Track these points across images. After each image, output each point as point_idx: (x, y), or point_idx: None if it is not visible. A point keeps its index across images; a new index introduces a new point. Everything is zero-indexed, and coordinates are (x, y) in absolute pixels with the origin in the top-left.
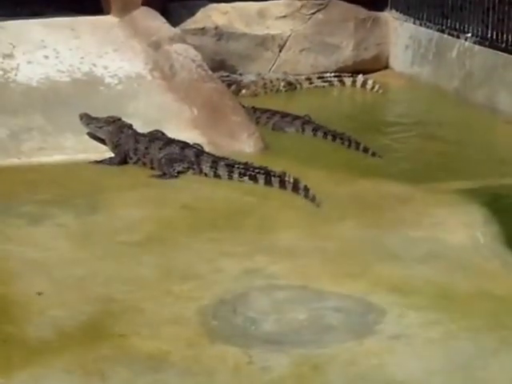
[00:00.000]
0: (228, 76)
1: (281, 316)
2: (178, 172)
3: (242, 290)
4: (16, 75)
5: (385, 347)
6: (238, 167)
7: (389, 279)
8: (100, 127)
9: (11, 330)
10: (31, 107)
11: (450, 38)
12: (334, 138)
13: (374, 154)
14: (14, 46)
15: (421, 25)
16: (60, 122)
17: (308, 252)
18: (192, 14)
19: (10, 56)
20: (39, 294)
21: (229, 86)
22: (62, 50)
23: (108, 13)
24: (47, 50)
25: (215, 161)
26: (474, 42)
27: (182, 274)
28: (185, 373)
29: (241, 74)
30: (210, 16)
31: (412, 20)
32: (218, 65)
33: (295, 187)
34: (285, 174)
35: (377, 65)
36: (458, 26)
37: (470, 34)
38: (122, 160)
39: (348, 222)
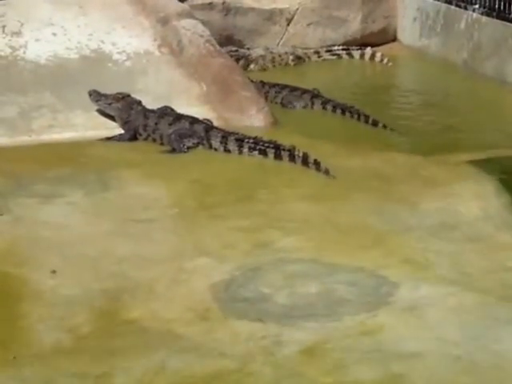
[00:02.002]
0: (236, 51)
1: (293, 290)
2: (188, 147)
3: (253, 264)
4: (24, 53)
5: (398, 319)
6: (248, 142)
7: (401, 251)
8: (109, 104)
9: (26, 309)
10: (40, 85)
11: (457, 9)
12: (344, 111)
13: (384, 127)
14: (21, 24)
15: None
16: (69, 100)
17: (319, 225)
18: None
19: (18, 34)
20: (53, 272)
21: (237, 60)
22: (70, 28)
23: None
24: (55, 27)
25: (225, 136)
26: (482, 14)
27: (194, 250)
28: (198, 348)
29: (249, 49)
30: None
31: None
32: (226, 40)
33: (305, 161)
34: (294, 148)
35: (385, 37)
36: None
37: (477, 6)
38: (132, 136)
39: (359, 194)
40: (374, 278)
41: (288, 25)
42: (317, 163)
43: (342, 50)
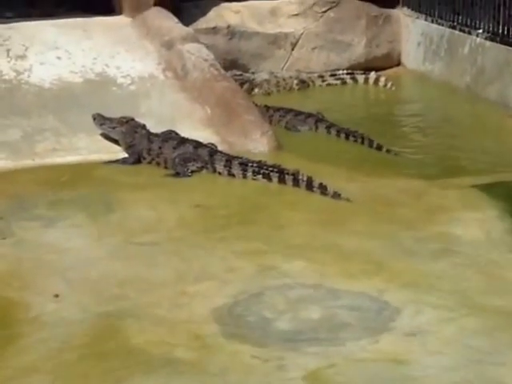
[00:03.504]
0: (241, 75)
1: (296, 314)
2: (192, 171)
3: (256, 288)
4: (29, 76)
5: (400, 344)
6: (252, 166)
7: (403, 276)
8: (113, 128)
9: (27, 332)
10: (44, 108)
11: (461, 34)
12: (348, 135)
13: (388, 151)
14: (26, 48)
15: (432, 21)
16: (73, 123)
17: (322, 249)
18: (204, 13)
19: (22, 57)
20: (56, 296)
21: (241, 84)
22: (75, 51)
23: (120, 13)
24: (60, 50)
25: (229, 160)
26: (486, 38)
27: (197, 274)
28: (200, 372)
29: (253, 73)
30: (222, 15)
31: (423, 17)
32: (231, 64)
33: (309, 185)
34: (298, 172)
35: (389, 62)
36: (469, 23)
37: (481, 30)
38: (136, 160)
39: (362, 218)
40: (377, 303)
41: (292, 49)
42: (323, 187)
43: (347, 74)
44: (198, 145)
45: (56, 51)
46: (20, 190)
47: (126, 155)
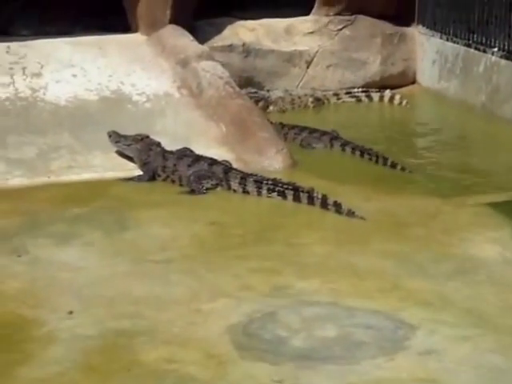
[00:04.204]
0: (256, 92)
1: (311, 333)
2: (207, 189)
3: (271, 307)
4: (44, 94)
5: (415, 363)
6: (267, 183)
7: (419, 295)
8: (128, 145)
9: (41, 349)
10: (60, 126)
11: (476, 52)
12: (362, 153)
13: (403, 169)
14: (42, 66)
15: (447, 40)
16: (88, 141)
17: (337, 268)
18: (219, 31)
19: (38, 75)
20: (70, 312)
21: (256, 102)
22: (90, 69)
23: (135, 31)
24: (75, 68)
25: (244, 177)
26: (501, 57)
27: (211, 292)
28: None
29: (268, 91)
30: (237, 33)
31: (439, 35)
32: (246, 81)
33: (323, 203)
34: (313, 190)
35: (404, 80)
36: (484, 41)
37: (496, 49)
38: (151, 177)
39: (377, 237)
40: (392, 322)
41: (307, 67)
42: (337, 205)
43: (362, 92)
44: (212, 162)
45: (71, 69)
46: (35, 207)
47: (141, 173)
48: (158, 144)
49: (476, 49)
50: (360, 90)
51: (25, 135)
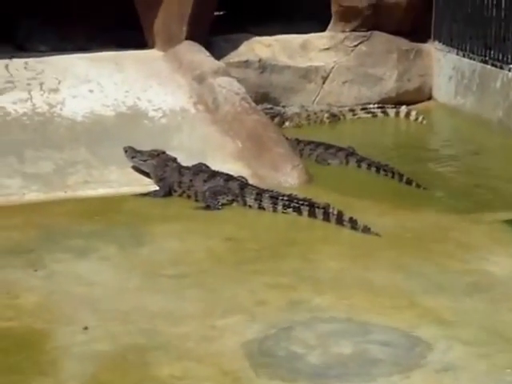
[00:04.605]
0: (271, 108)
1: (326, 349)
2: (222, 204)
3: (286, 322)
4: (61, 109)
5: (432, 381)
6: (282, 199)
7: (435, 312)
8: (144, 160)
9: (57, 364)
10: (76, 141)
11: (493, 68)
12: (378, 169)
13: (418, 186)
14: (59, 81)
15: (464, 56)
16: (105, 156)
17: (352, 283)
18: (235, 47)
19: (55, 90)
20: (85, 328)
21: (272, 118)
22: (107, 84)
23: (152, 47)
24: (92, 84)
25: (259, 193)
26: None
27: (227, 307)
28: None
29: (284, 106)
30: (253, 49)
31: (455, 51)
32: (262, 97)
33: (339, 219)
34: (329, 205)
35: (420, 96)
36: (501, 57)
37: None
38: (167, 193)
39: (392, 252)
40: (407, 339)
41: (323, 83)
42: (353, 221)
43: (377, 108)
44: (228, 178)
45: (88, 84)
46: (52, 221)
47: (157, 188)
48: (174, 159)
49: (493, 65)
50: (376, 105)
51: (42, 150)
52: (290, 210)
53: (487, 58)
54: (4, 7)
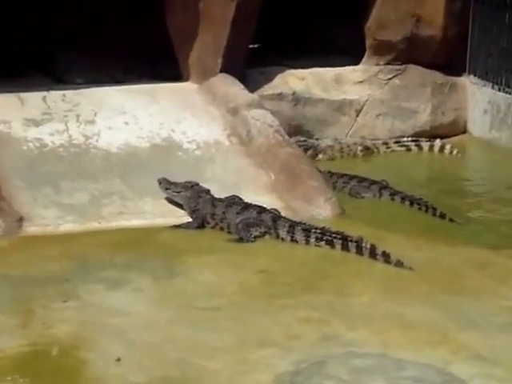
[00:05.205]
0: (305, 141)
1: None
2: (255, 237)
3: (319, 357)
4: (97, 141)
5: None
6: (315, 232)
7: (469, 348)
8: (178, 192)
9: None
10: (111, 172)
11: None
12: (412, 203)
13: (452, 220)
14: (95, 113)
15: (499, 90)
16: (139, 187)
17: (386, 318)
18: (269, 79)
19: (91, 122)
20: (118, 359)
21: (305, 150)
22: (142, 116)
23: (187, 79)
24: (127, 115)
25: (292, 225)
26: None
27: (259, 341)
28: None
29: (317, 139)
30: (287, 81)
31: (490, 85)
32: (295, 130)
33: (372, 253)
34: (362, 239)
35: (454, 129)
36: None
37: None
38: (200, 225)
39: (426, 287)
40: (442, 375)
41: (357, 115)
42: (386, 255)
43: (411, 141)
44: (261, 210)
45: (124, 116)
46: (86, 252)
47: (191, 219)
48: (208, 191)
49: None
50: (410, 139)
51: (77, 181)
52: (323, 243)
53: None
54: (44, 41)
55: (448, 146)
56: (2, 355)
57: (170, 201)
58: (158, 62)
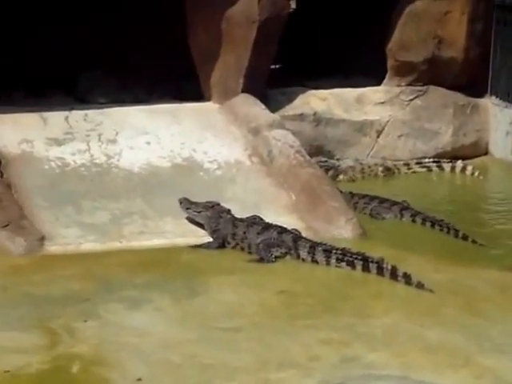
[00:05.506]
0: (326, 161)
1: None
2: (276, 257)
3: (339, 378)
4: (118, 160)
5: None
6: (336, 253)
7: (493, 372)
8: (199, 212)
9: None
10: (132, 192)
11: None
12: (433, 224)
13: (474, 242)
14: (117, 132)
15: None
16: (160, 207)
17: (407, 340)
18: (291, 100)
19: (113, 142)
20: (138, 380)
21: (326, 171)
22: (163, 136)
23: (208, 99)
24: (149, 135)
25: (313, 246)
26: None
27: (280, 362)
28: None
29: (338, 160)
30: (308, 102)
31: None
32: (316, 150)
33: (393, 274)
34: (383, 260)
35: (476, 151)
36: None
37: None
38: (221, 245)
39: (448, 309)
40: None
41: (378, 136)
42: (407, 276)
43: (433, 162)
44: (282, 230)
45: (145, 136)
46: (107, 272)
47: (211, 239)
48: (228, 211)
49: None
50: (431, 160)
51: (98, 200)
52: (344, 263)
53: None
54: (67, 61)
55: (470, 168)
56: (22, 373)
57: (191, 220)
58: (180, 81)
